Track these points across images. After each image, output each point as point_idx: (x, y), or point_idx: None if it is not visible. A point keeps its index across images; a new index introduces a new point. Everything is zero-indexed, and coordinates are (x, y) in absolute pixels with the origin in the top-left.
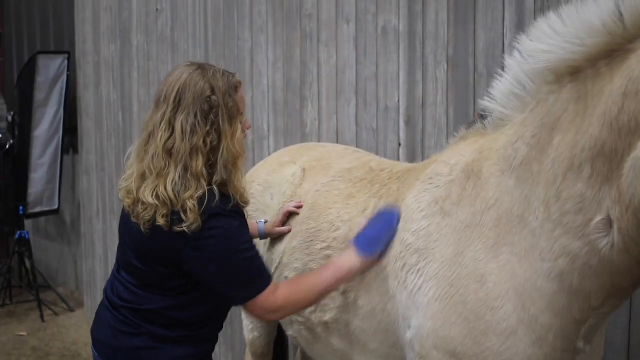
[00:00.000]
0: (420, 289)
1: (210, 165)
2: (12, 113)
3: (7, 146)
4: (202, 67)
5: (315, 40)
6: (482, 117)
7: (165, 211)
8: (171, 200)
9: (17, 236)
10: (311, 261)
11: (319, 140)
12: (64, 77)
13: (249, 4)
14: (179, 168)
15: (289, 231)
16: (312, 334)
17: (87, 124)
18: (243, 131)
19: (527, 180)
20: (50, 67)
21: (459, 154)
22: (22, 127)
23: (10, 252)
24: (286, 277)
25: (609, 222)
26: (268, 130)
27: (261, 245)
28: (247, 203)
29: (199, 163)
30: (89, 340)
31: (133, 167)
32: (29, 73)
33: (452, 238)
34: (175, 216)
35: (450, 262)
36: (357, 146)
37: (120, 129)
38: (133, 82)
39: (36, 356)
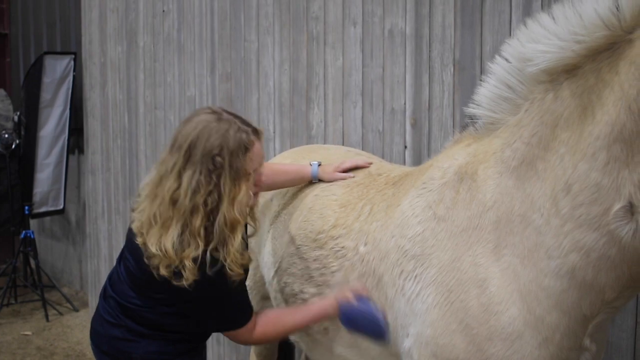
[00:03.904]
0: (418, 296)
1: (209, 226)
2: (18, 113)
3: (13, 146)
4: (219, 119)
5: (322, 42)
6: (472, 123)
7: (167, 263)
8: (170, 257)
9: (22, 236)
10: (307, 267)
11: (325, 142)
12: (70, 78)
13: (255, 5)
14: (180, 224)
15: (349, 177)
16: (312, 339)
17: (92, 125)
18: (255, 194)
19: (530, 179)
20: (56, 68)
21: (452, 157)
22: (28, 127)
23: (16, 252)
24: (285, 283)
25: (630, 209)
26: (274, 132)
27: (261, 248)
28: (238, 271)
29: (198, 222)
30: None
31: (145, 204)
32: (35, 73)
33: (449, 243)
34: (176, 270)
35: (448, 267)
36: (362, 148)
37: (126, 129)
38: (139, 83)
39: (41, 355)
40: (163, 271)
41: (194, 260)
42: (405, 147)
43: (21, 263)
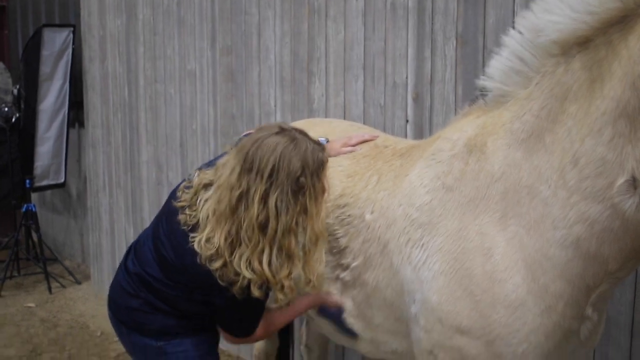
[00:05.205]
0: (425, 263)
1: (299, 244)
2: (17, 86)
3: (13, 120)
4: (295, 141)
5: (323, 15)
6: (482, 96)
7: (259, 282)
8: (267, 278)
9: (23, 209)
10: None
11: (326, 116)
12: (69, 51)
13: None
14: (275, 248)
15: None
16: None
17: (92, 98)
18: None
19: (538, 151)
20: (55, 41)
21: (461, 129)
22: (28, 100)
23: (17, 225)
24: None
25: (633, 183)
26: (275, 106)
27: None
28: (319, 287)
29: (293, 242)
30: (96, 312)
31: (212, 224)
32: (34, 46)
33: (456, 212)
34: (268, 289)
35: (455, 236)
36: (364, 122)
37: (126, 103)
38: (139, 56)
39: (44, 327)
40: (256, 292)
41: (294, 279)
42: (407, 121)
43: (23, 236)
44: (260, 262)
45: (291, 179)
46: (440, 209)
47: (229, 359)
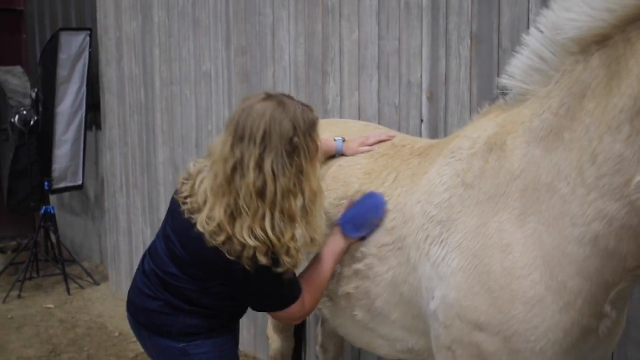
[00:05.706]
0: (444, 260)
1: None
2: (35, 90)
3: (31, 123)
4: (282, 104)
5: (337, 14)
6: (502, 95)
7: (265, 249)
8: (272, 242)
9: (42, 211)
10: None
11: (341, 116)
12: (86, 54)
13: None
14: (276, 211)
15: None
16: (335, 304)
17: (109, 100)
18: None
19: (557, 149)
20: (72, 44)
21: (480, 128)
22: (46, 103)
23: (36, 227)
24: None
25: None
26: None
27: None
28: (319, 246)
29: (293, 204)
30: (114, 313)
31: (211, 201)
32: (51, 50)
33: (475, 209)
34: (274, 255)
35: (474, 232)
36: (378, 122)
37: (143, 105)
38: (154, 58)
39: (63, 328)
40: (263, 259)
41: (298, 239)
42: (422, 120)
43: (42, 238)
44: (263, 228)
45: (284, 140)
46: (459, 205)
47: (245, 359)
